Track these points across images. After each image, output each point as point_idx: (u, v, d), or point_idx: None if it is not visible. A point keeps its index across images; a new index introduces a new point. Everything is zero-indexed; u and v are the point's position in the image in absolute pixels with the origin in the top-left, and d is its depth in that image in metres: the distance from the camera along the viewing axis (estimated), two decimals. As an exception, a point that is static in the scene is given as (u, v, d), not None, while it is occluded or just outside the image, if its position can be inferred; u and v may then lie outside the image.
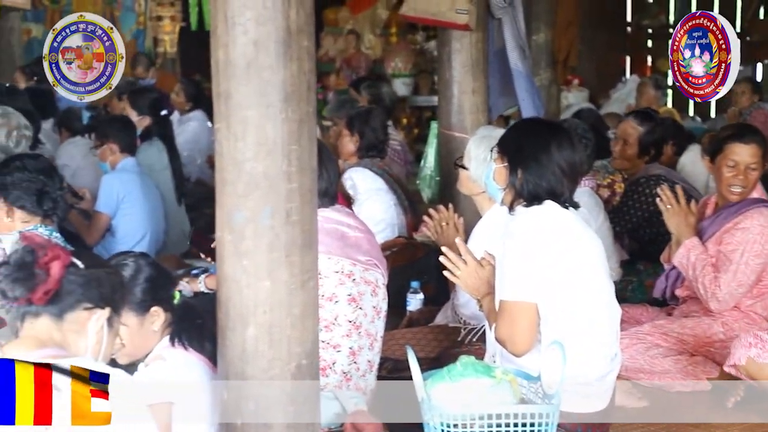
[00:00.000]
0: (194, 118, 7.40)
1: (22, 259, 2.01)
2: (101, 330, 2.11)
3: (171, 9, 10.81)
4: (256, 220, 2.27)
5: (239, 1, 2.20)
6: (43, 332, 2.05)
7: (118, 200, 4.99)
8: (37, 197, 3.10)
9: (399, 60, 10.40)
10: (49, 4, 10.73)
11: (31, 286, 2.00)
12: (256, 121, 2.25)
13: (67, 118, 6.26)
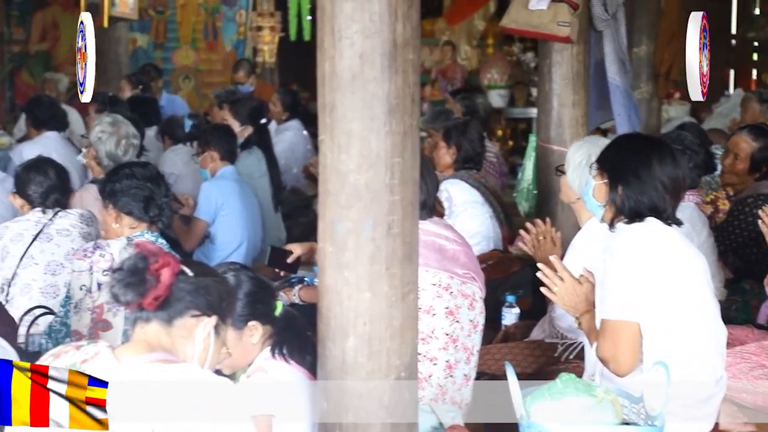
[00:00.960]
0: (291, 128, 7.50)
1: (135, 265, 2.07)
2: (208, 337, 2.15)
3: (271, 20, 10.98)
4: (358, 232, 2.28)
5: (346, 15, 2.21)
6: (153, 337, 2.11)
7: (217, 207, 5.09)
8: (144, 204, 3.18)
9: (495, 71, 10.35)
10: (155, 15, 11.04)
11: (142, 292, 2.06)
12: (360, 133, 2.26)
13: (169, 126, 6.42)
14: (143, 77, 8.29)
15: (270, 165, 5.66)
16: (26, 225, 3.89)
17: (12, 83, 11.02)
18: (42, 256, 3.83)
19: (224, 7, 11.29)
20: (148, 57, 10.86)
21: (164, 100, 8.48)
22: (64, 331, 2.98)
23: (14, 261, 3.82)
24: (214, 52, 11.38)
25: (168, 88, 10.14)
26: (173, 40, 11.25)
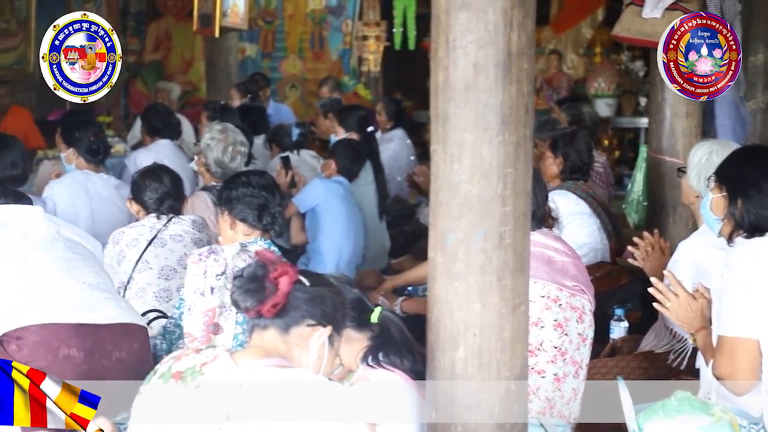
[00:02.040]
0: (395, 137, 7.53)
1: (254, 272, 2.12)
2: (323, 347, 2.18)
3: (376, 29, 11.06)
4: (469, 243, 2.27)
5: (461, 25, 2.21)
6: (269, 343, 2.15)
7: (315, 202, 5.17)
8: (258, 212, 3.24)
9: (602, 80, 10.19)
10: (264, 25, 11.25)
11: (261, 298, 2.10)
12: (473, 144, 2.25)
13: (277, 135, 6.51)
14: (252, 86, 8.45)
15: (376, 173, 5.70)
16: (141, 230, 4.00)
17: (126, 92, 11.38)
18: (156, 261, 3.93)
19: (331, 16, 11.43)
20: (257, 66, 11.08)
21: (271, 108, 8.62)
22: (178, 332, 3.05)
23: (130, 265, 3.92)
24: (320, 61, 11.53)
25: (275, 96, 10.32)
26: (281, 49, 11.45)
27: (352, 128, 5.94)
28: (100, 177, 4.95)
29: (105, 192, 4.94)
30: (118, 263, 3.96)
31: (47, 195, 4.77)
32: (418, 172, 6.34)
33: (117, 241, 4.00)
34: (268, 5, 11.25)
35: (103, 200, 4.92)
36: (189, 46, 11.26)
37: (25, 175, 4.46)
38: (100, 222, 4.89)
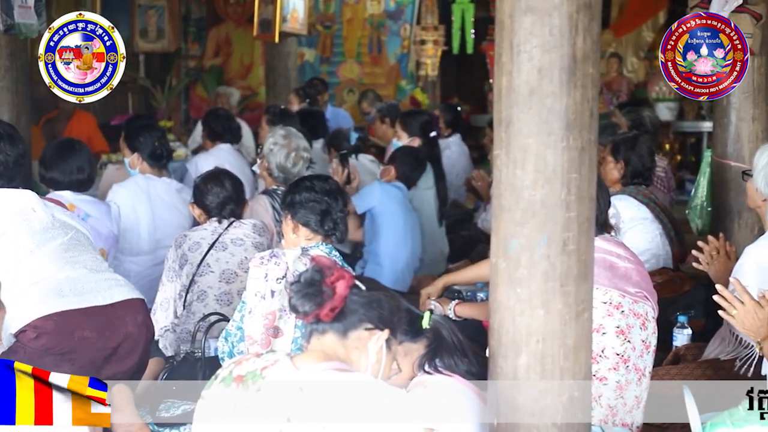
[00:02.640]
0: (452, 144, 7.52)
1: (312, 277, 2.14)
2: (380, 350, 2.19)
3: (434, 33, 11.06)
4: (532, 248, 2.25)
5: (526, 29, 2.20)
6: (329, 347, 2.16)
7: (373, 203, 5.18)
8: (320, 217, 3.24)
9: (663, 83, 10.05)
10: (322, 30, 11.31)
11: (319, 303, 2.12)
12: (536, 149, 2.24)
13: (336, 139, 6.54)
14: (311, 91, 8.50)
15: (437, 178, 5.70)
16: (203, 234, 4.05)
17: (187, 96, 11.53)
18: (217, 265, 3.97)
19: (389, 21, 11.45)
20: (315, 71, 11.15)
21: (329, 113, 8.67)
22: (239, 335, 3.07)
23: (192, 268, 3.98)
24: (378, 65, 11.55)
25: (333, 101, 10.37)
26: (339, 54, 11.50)
27: (414, 133, 5.95)
28: (161, 181, 5.01)
29: (166, 196, 5.01)
30: (180, 266, 4.01)
31: (110, 199, 4.85)
32: (476, 177, 6.33)
33: (179, 245, 4.05)
34: (327, 10, 11.31)
35: (164, 204, 4.99)
36: (248, 51, 11.37)
37: (90, 180, 4.52)
38: (162, 225, 4.97)
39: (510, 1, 2.21)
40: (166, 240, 4.97)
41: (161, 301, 4.11)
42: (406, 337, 2.57)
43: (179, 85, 11.14)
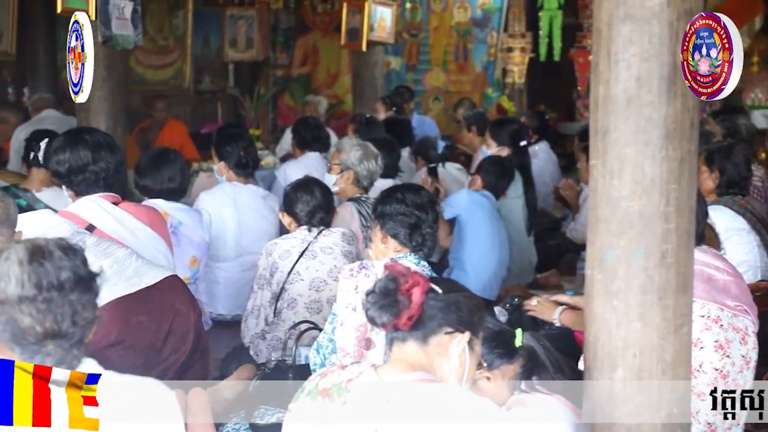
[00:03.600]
0: (540, 152, 7.44)
1: (386, 286, 2.11)
2: (463, 353, 2.15)
3: (522, 41, 10.98)
4: (629, 260, 2.21)
5: (624, 37, 2.17)
6: (411, 356, 2.14)
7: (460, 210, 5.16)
8: (409, 231, 3.22)
9: (760, 91, 9.79)
10: (408, 38, 11.33)
11: (395, 313, 2.09)
12: (634, 159, 2.20)
13: (423, 147, 6.54)
14: (397, 99, 8.53)
15: (526, 188, 5.65)
16: (293, 242, 4.08)
17: (275, 105, 11.68)
18: (307, 273, 3.99)
19: (476, 29, 11.41)
20: (401, 79, 11.17)
21: (415, 120, 8.67)
22: (331, 347, 3.08)
23: (282, 276, 4.01)
24: (463, 73, 11.52)
25: (418, 109, 10.37)
26: (425, 62, 11.50)
27: (504, 142, 5.91)
28: (247, 188, 5.08)
29: (252, 203, 5.07)
30: (270, 274, 4.04)
31: (197, 206, 4.94)
32: (564, 186, 6.25)
33: (270, 253, 4.08)
34: (414, 18, 11.33)
35: (250, 211, 5.06)
36: (335, 60, 11.47)
37: (183, 189, 4.61)
38: (248, 232, 5.04)
39: (608, 9, 2.18)
40: (252, 246, 5.04)
41: (252, 308, 4.15)
42: (501, 360, 2.54)
43: (267, 93, 11.29)
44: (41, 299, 1.85)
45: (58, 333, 1.86)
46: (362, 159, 4.73)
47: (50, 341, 1.86)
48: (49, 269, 1.87)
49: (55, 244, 1.92)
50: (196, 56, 10.37)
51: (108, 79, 5.27)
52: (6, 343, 1.87)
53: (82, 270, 1.92)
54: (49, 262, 1.88)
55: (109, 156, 3.71)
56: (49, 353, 1.85)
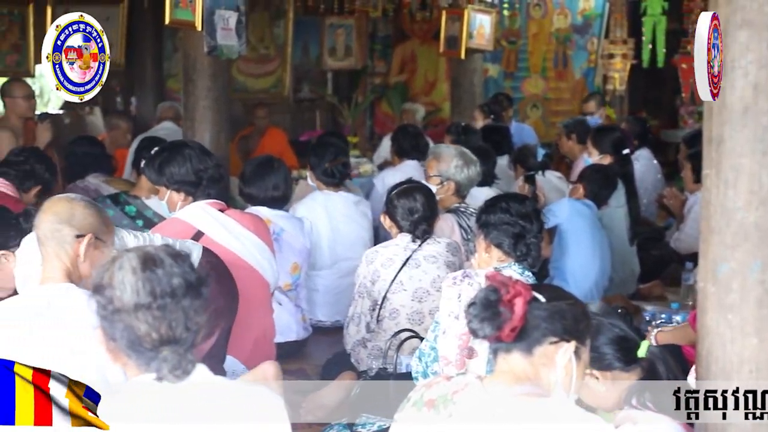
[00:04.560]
0: (640, 157, 7.30)
1: (487, 298, 2.06)
2: (569, 363, 2.10)
3: (623, 47, 10.78)
4: (744, 273, 2.15)
5: (741, 44, 2.11)
6: (517, 368, 2.09)
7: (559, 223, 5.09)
8: (513, 241, 3.18)
9: None
10: (507, 45, 11.26)
11: (498, 324, 2.05)
12: (750, 169, 2.13)
13: (522, 155, 6.48)
14: (495, 107, 8.47)
15: (629, 197, 5.54)
16: (395, 250, 4.04)
17: (372, 113, 11.75)
18: (410, 283, 3.95)
19: (576, 35, 11.27)
20: (498, 86, 11.10)
21: (513, 128, 8.61)
22: (433, 355, 3.06)
23: (384, 285, 3.98)
24: (563, 80, 11.39)
25: (516, 116, 10.30)
26: (523, 69, 11.41)
27: (606, 150, 5.81)
28: (339, 195, 5.11)
29: (344, 209, 5.11)
30: (372, 282, 4.02)
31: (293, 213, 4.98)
32: (668, 195, 6.11)
33: (371, 261, 4.06)
34: (513, 25, 11.25)
35: (343, 218, 5.10)
36: (432, 68, 11.48)
37: (285, 197, 4.67)
38: (341, 239, 5.08)
39: (724, 15, 2.13)
40: (347, 253, 5.07)
41: (353, 315, 4.13)
42: (619, 364, 2.48)
43: (365, 101, 11.37)
44: (156, 306, 1.88)
45: (173, 339, 1.89)
46: (462, 168, 4.71)
47: (165, 347, 1.89)
48: (161, 276, 1.90)
49: (164, 251, 1.96)
50: (296, 65, 10.51)
51: (212, 89, 5.38)
52: (123, 351, 1.91)
53: (192, 276, 1.95)
54: (161, 269, 1.91)
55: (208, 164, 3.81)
56: (165, 359, 1.89)
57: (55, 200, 2.69)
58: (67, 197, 2.72)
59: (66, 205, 2.63)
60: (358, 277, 4.12)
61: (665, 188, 6.72)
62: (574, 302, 2.17)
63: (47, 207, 2.65)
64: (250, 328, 3.86)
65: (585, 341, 2.15)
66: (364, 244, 5.15)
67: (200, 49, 5.11)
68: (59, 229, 2.58)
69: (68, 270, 2.58)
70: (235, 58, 5.36)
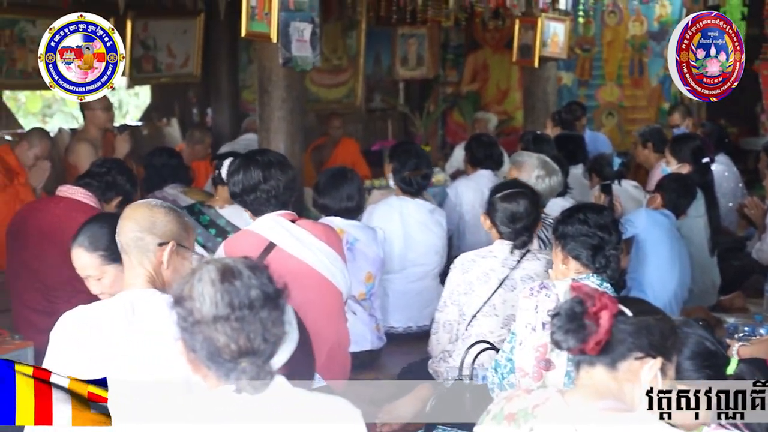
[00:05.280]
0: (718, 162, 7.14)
1: (572, 309, 2.03)
2: (654, 380, 2.06)
3: (701, 53, 10.58)
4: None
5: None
6: (600, 382, 2.05)
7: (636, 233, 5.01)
8: (592, 252, 3.13)
9: None
10: (581, 53, 11.13)
11: (582, 337, 2.01)
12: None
13: (598, 164, 6.39)
14: (568, 115, 8.38)
15: (709, 206, 5.43)
16: (492, 263, 3.82)
17: (444, 122, 11.73)
18: (503, 308, 3.75)
19: (651, 42, 11.09)
20: (572, 94, 10.98)
21: (587, 137, 8.50)
22: (509, 367, 3.03)
23: (476, 303, 3.78)
24: (638, 88, 11.21)
25: (591, 125, 10.17)
26: (598, 77, 11.26)
27: (685, 159, 5.70)
28: (415, 202, 5.13)
29: (419, 216, 5.11)
30: (464, 294, 3.84)
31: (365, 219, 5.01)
32: (750, 204, 5.97)
33: (466, 270, 3.86)
34: (587, 33, 11.12)
35: (416, 224, 5.10)
36: (505, 76, 11.41)
37: (359, 207, 4.69)
38: (413, 245, 5.09)
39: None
40: (418, 259, 5.08)
41: (444, 321, 3.94)
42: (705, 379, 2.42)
43: (437, 111, 11.36)
44: (234, 318, 1.90)
45: (251, 350, 1.90)
46: (543, 177, 4.66)
47: (244, 359, 1.90)
48: (240, 288, 1.92)
49: (242, 263, 1.97)
50: (368, 75, 10.56)
51: (287, 99, 5.44)
52: (203, 362, 1.93)
53: (269, 288, 1.96)
54: (239, 281, 1.92)
55: (280, 175, 3.81)
56: (243, 371, 1.90)
57: (136, 207, 2.70)
58: (148, 204, 2.72)
59: (147, 213, 2.64)
60: (449, 283, 3.92)
61: (746, 197, 6.56)
62: (662, 317, 2.12)
63: (128, 215, 2.67)
64: (324, 338, 3.85)
65: (671, 358, 2.11)
66: (437, 252, 5.15)
67: (275, 61, 5.17)
68: (141, 237, 2.61)
69: (151, 276, 2.61)
70: (309, 69, 5.40)
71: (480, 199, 5.96)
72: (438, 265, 5.18)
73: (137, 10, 8.13)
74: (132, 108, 9.25)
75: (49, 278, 4.27)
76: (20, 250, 4.40)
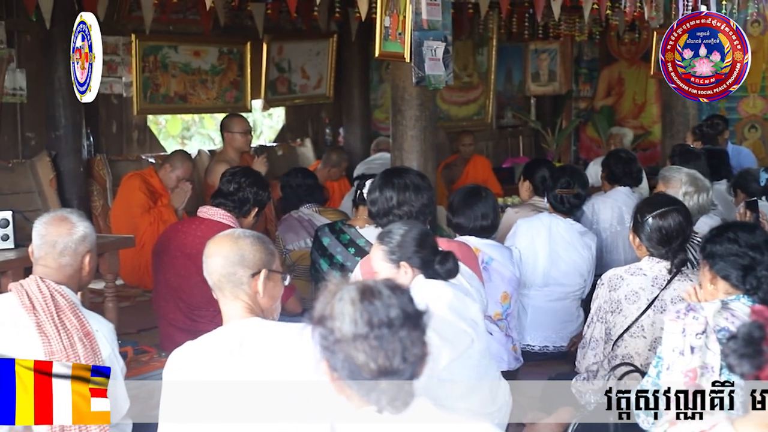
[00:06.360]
0: None
1: (750, 334, 1.94)
2: None
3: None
4: None
5: None
6: None
7: None
8: (742, 273, 2.99)
9: None
10: (722, 64, 10.76)
11: (759, 364, 1.92)
12: None
13: (743, 180, 6.12)
14: (709, 129, 8.09)
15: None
16: (642, 282, 3.72)
17: (577, 138, 11.54)
18: (651, 330, 3.65)
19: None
20: (712, 107, 10.62)
21: (730, 151, 8.18)
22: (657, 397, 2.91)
23: (624, 323, 3.70)
24: (786, 97, 10.78)
25: (733, 138, 9.80)
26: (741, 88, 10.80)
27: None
28: (565, 221, 5.07)
29: (567, 236, 5.03)
30: (611, 312, 3.74)
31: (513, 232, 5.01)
32: None
33: (614, 287, 3.77)
34: (728, 43, 10.77)
35: (564, 242, 5.02)
36: (641, 90, 11.14)
37: (494, 226, 4.64)
38: (558, 262, 5.01)
39: None
40: (561, 278, 4.98)
41: (590, 338, 3.85)
42: None
43: (570, 126, 11.19)
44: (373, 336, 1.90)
45: (390, 369, 1.89)
46: (692, 194, 4.50)
47: (383, 378, 1.89)
48: (379, 307, 1.92)
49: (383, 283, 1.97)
50: (498, 91, 10.49)
51: (420, 118, 5.45)
52: (344, 381, 1.93)
53: (410, 307, 1.95)
54: (379, 300, 1.93)
55: (414, 199, 3.83)
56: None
57: (220, 243, 2.69)
58: (231, 236, 2.73)
59: (233, 247, 2.66)
60: (596, 299, 3.83)
61: None
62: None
63: (213, 251, 2.68)
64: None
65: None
66: (581, 274, 5.03)
67: (408, 80, 5.18)
68: (233, 272, 2.63)
69: (250, 307, 2.65)
70: (441, 87, 5.39)
71: (618, 217, 5.82)
72: (581, 287, 5.07)
73: (273, 34, 8.32)
74: (266, 129, 9.46)
75: (192, 298, 4.39)
76: (164, 270, 4.54)
